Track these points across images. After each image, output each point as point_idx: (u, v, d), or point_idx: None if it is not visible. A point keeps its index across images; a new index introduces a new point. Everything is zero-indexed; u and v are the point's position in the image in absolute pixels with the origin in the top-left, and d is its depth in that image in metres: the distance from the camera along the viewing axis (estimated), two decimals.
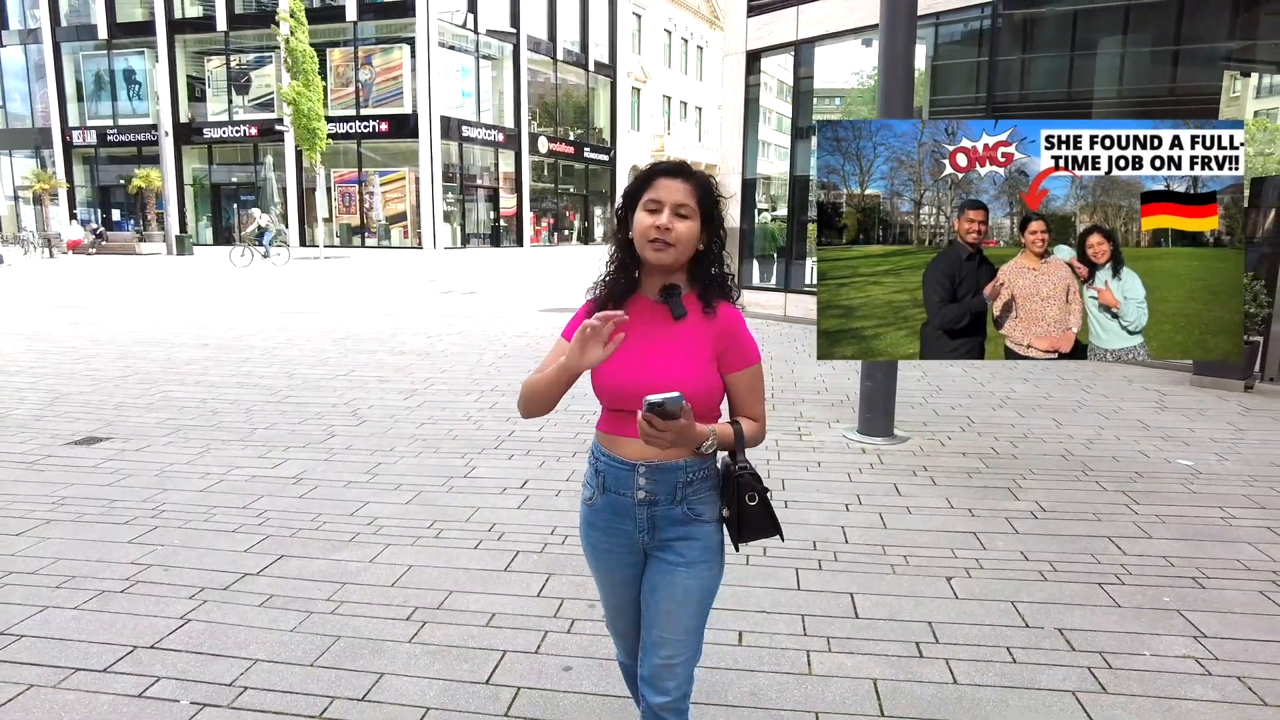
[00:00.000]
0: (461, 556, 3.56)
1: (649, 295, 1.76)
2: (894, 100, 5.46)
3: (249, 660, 2.73)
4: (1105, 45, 9.58)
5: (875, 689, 2.57)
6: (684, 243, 1.68)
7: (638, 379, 1.69)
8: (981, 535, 3.84)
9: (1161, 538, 3.83)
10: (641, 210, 1.70)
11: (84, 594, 3.20)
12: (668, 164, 1.73)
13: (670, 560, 1.76)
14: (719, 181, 1.78)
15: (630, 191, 1.74)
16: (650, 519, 1.75)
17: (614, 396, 1.73)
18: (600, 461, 1.79)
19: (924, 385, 7.18)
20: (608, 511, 1.79)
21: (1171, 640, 2.88)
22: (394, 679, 2.61)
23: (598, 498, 1.80)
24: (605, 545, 1.81)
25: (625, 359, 1.69)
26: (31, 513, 4.08)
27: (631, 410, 1.62)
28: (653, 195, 1.68)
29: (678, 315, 1.71)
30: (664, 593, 1.76)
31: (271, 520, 3.99)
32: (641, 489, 1.73)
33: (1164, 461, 5.04)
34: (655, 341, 1.72)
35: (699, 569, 1.76)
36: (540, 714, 2.43)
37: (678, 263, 1.71)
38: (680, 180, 1.69)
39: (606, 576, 1.86)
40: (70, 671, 2.65)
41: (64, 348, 8.98)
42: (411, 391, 6.87)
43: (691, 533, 1.75)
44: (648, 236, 1.67)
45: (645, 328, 1.73)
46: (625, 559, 1.81)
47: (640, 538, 1.77)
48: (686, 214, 1.68)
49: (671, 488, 1.73)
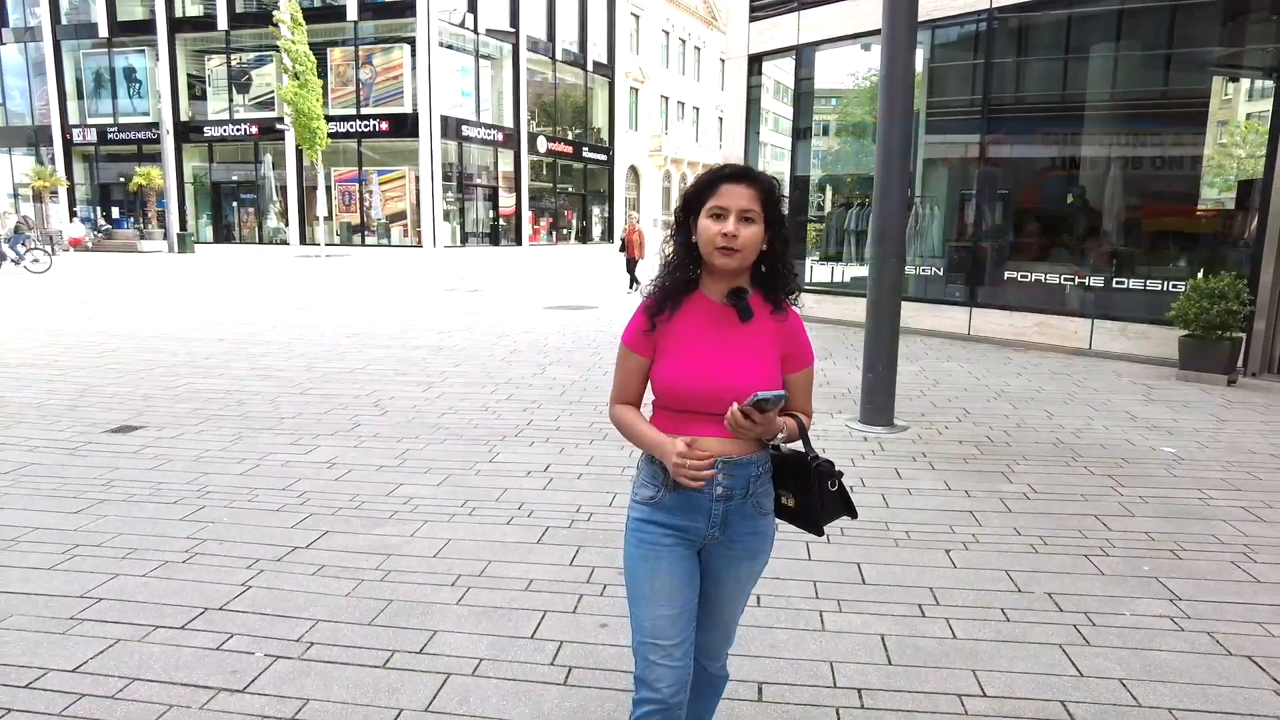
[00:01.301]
0: (496, 531, 3.83)
1: (712, 296, 1.78)
2: (894, 105, 5.74)
3: (311, 620, 3.00)
4: (1098, 50, 9.88)
5: (883, 642, 2.85)
6: (750, 248, 1.71)
7: (713, 382, 1.72)
8: (977, 513, 4.12)
9: (1143, 516, 4.12)
10: (706, 216, 1.71)
11: (149, 564, 3.46)
12: (732, 169, 1.75)
13: (738, 554, 1.82)
14: (778, 181, 1.81)
15: (692, 196, 1.75)
16: (725, 514, 1.77)
17: (687, 399, 1.74)
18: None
19: (922, 379, 7.47)
20: (677, 509, 1.78)
21: (1149, 602, 3.17)
22: (446, 635, 2.88)
23: (664, 495, 1.78)
24: (670, 539, 1.79)
25: (696, 362, 1.74)
26: (84, 493, 4.34)
27: (703, 411, 1.70)
28: (717, 201, 1.70)
29: (746, 318, 1.74)
30: (730, 584, 1.84)
31: (312, 500, 4.26)
32: (720, 484, 1.75)
33: (1149, 449, 5.34)
34: (724, 344, 1.75)
35: (761, 559, 1.87)
36: (583, 663, 2.70)
37: (743, 267, 1.74)
38: (745, 185, 1.71)
39: (668, 574, 1.78)
40: (151, 629, 2.91)
41: (84, 342, 9.21)
42: (429, 384, 7.13)
43: (759, 526, 1.83)
44: (715, 244, 1.69)
45: (712, 329, 1.76)
46: (687, 551, 1.80)
47: (711, 533, 1.79)
48: (752, 218, 1.70)
49: (745, 482, 1.77)
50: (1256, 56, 9.17)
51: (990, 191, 10.30)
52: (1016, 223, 10.57)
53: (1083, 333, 9.01)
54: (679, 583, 1.77)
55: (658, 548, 1.78)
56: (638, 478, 1.86)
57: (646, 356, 1.81)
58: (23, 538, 3.72)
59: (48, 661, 2.69)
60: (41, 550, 3.58)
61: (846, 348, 8.90)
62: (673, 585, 1.77)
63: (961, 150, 10.78)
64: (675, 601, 1.76)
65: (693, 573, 1.80)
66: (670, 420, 1.77)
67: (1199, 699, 2.53)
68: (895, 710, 2.47)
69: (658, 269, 1.83)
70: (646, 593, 1.78)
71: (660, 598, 1.76)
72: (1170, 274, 8.76)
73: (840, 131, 13.79)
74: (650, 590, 1.77)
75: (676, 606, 1.76)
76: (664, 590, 1.76)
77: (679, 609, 1.77)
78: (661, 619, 1.75)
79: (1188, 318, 7.43)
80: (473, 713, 2.44)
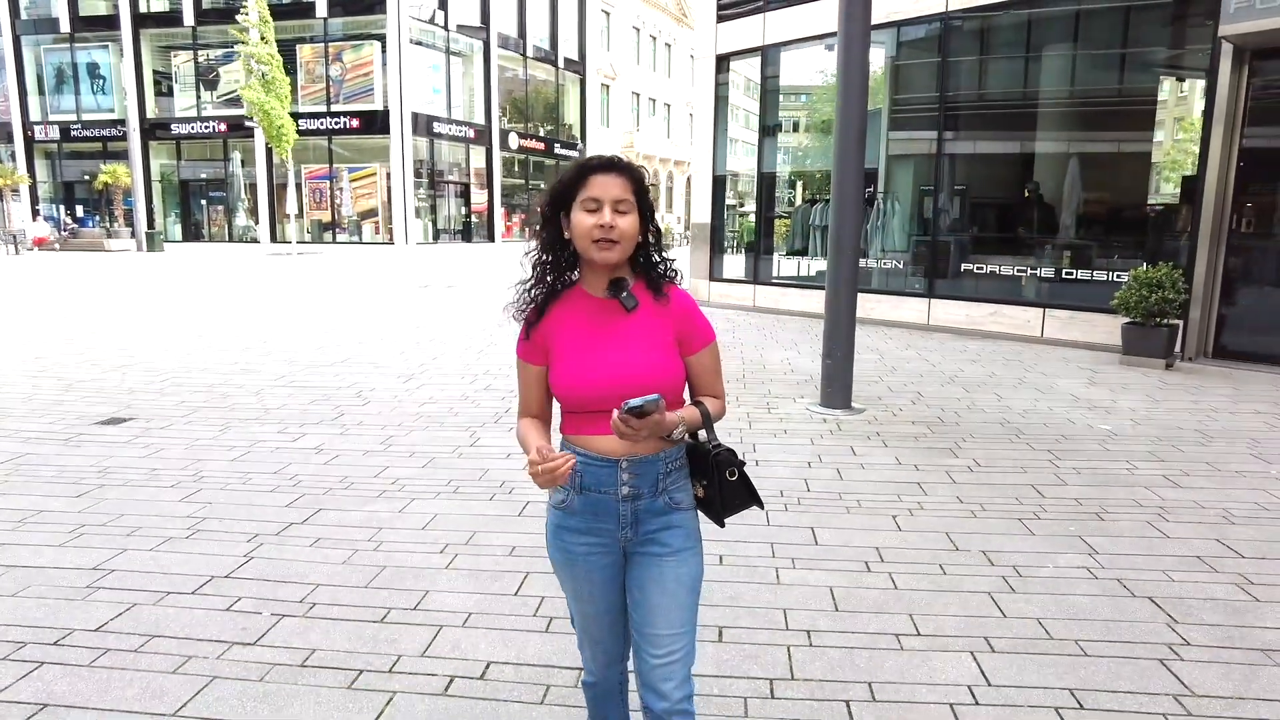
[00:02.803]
0: (479, 506, 4.11)
1: (593, 292, 1.75)
2: (851, 104, 6.09)
3: (311, 584, 3.26)
4: (1051, 50, 10.33)
5: (831, 594, 3.18)
6: (629, 238, 1.67)
7: (608, 379, 1.68)
8: (924, 485, 4.48)
9: (1075, 485, 4.50)
10: (580, 210, 1.66)
11: (154, 540, 3.70)
12: (599, 160, 1.70)
13: (655, 552, 1.75)
14: (649, 172, 1.89)
15: (561, 191, 1.70)
16: (634, 513, 1.73)
17: (584, 400, 1.70)
18: (575, 462, 1.68)
19: (881, 366, 7.85)
20: (586, 513, 1.75)
21: (1070, 556, 3.54)
22: (438, 594, 3.17)
23: (573, 499, 1.75)
24: (583, 548, 1.77)
25: (587, 360, 1.70)
26: (83, 479, 4.54)
27: (604, 410, 1.63)
28: (590, 194, 1.65)
29: (630, 307, 1.70)
30: (654, 586, 1.75)
31: (304, 482, 4.50)
32: (625, 484, 1.71)
33: (1087, 426, 5.75)
34: (613, 337, 1.71)
35: (685, 556, 1.77)
36: (561, 614, 2.99)
37: (623, 259, 1.70)
38: (615, 175, 1.67)
39: (585, 581, 1.80)
40: (164, 594, 3.16)
41: (63, 339, 9.30)
42: (409, 376, 7.36)
43: (673, 521, 1.76)
44: (591, 237, 1.65)
45: (597, 325, 1.72)
46: (604, 560, 1.78)
47: (623, 534, 1.75)
48: (626, 209, 1.66)
49: (654, 479, 1.73)
50: (1195, 58, 9.68)
51: (949, 187, 10.73)
52: (974, 217, 11.02)
53: (1035, 322, 9.47)
54: (597, 589, 1.80)
55: (572, 555, 1.79)
56: None
57: (540, 364, 1.77)
58: (29, 520, 3.93)
59: (70, 623, 2.93)
60: (49, 530, 3.80)
61: (811, 338, 9.27)
62: (591, 589, 1.80)
63: (922, 146, 11.20)
64: (597, 602, 1.82)
65: (614, 578, 1.81)
66: (577, 422, 1.74)
67: (1103, 632, 2.90)
68: (839, 647, 2.80)
69: (528, 272, 1.78)
70: (570, 593, 1.85)
71: (583, 599, 1.83)
72: (1117, 266, 9.23)
73: (806, 128, 14.18)
74: (574, 593, 1.84)
75: (599, 606, 1.82)
76: (585, 593, 1.82)
77: (602, 609, 1.83)
78: (588, 617, 1.85)
79: (1129, 306, 7.89)
80: (464, 656, 2.73)
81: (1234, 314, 8.26)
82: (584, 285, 1.76)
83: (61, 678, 2.59)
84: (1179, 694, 2.52)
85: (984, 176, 11.17)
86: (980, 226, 10.97)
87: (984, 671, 2.65)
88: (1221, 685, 2.57)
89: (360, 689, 2.54)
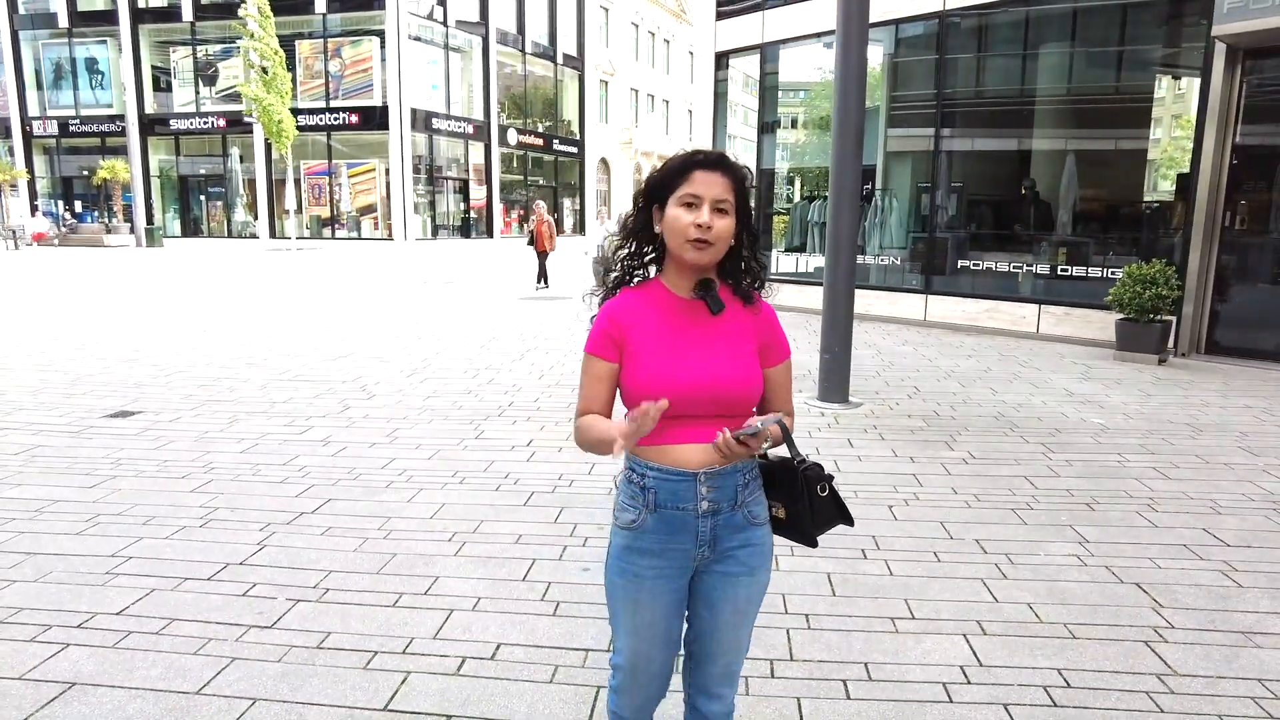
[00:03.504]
0: (485, 496, 4.21)
1: (678, 292, 1.66)
2: (849, 102, 6.18)
3: (324, 571, 3.36)
4: (1049, 48, 10.43)
5: (829, 580, 3.28)
6: (723, 241, 1.59)
7: (693, 385, 1.58)
8: (920, 476, 4.58)
9: (1067, 476, 4.61)
10: (677, 205, 1.58)
11: (169, 529, 3.79)
12: (706, 155, 1.62)
13: (733, 571, 1.67)
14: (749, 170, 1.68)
15: (659, 183, 1.62)
16: (713, 530, 1.64)
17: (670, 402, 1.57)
18: (648, 477, 1.63)
19: (878, 361, 7.96)
20: (660, 531, 1.63)
21: (1061, 545, 3.65)
22: (447, 580, 3.27)
23: (645, 518, 1.64)
24: (654, 571, 1.65)
25: (670, 363, 1.60)
26: (95, 470, 4.63)
27: (683, 415, 1.56)
28: (690, 190, 1.57)
29: (716, 311, 1.62)
30: (727, 605, 1.68)
31: (312, 473, 4.59)
32: (705, 499, 1.61)
33: (1080, 420, 5.85)
34: (698, 340, 1.62)
35: (760, 574, 1.70)
36: (568, 598, 3.10)
37: (715, 262, 1.62)
38: (719, 173, 1.59)
39: (648, 608, 1.67)
40: (181, 579, 3.26)
41: (68, 334, 9.38)
42: (412, 370, 7.45)
43: (752, 538, 1.67)
44: (687, 235, 1.56)
45: (681, 325, 1.63)
46: (675, 582, 1.67)
47: (699, 552, 1.65)
48: (725, 209, 1.58)
49: (733, 492, 1.64)
50: (1190, 56, 9.77)
51: (946, 184, 10.83)
52: (970, 214, 11.12)
53: (1030, 318, 9.58)
54: (660, 617, 1.68)
55: (640, 580, 1.66)
56: (617, 499, 1.73)
57: (613, 361, 1.65)
58: (45, 509, 4.02)
59: (93, 607, 3.02)
60: (66, 519, 3.89)
61: (810, 334, 9.35)
62: (654, 620, 1.68)
63: (919, 144, 11.29)
64: (657, 636, 1.69)
65: (679, 604, 1.70)
66: (654, 430, 1.60)
67: (1091, 616, 3.00)
68: (837, 630, 2.90)
69: (613, 263, 1.72)
70: (628, 624, 1.71)
71: (641, 632, 1.69)
72: (1111, 262, 9.34)
73: (804, 125, 14.27)
74: (632, 624, 1.70)
75: (658, 641, 1.70)
76: (645, 625, 1.68)
77: (661, 643, 1.71)
78: (640, 654, 1.71)
79: (1123, 302, 8.00)
80: (475, 639, 2.82)
81: (1226, 310, 8.37)
82: (665, 281, 1.68)
83: (88, 658, 2.68)
84: (1162, 674, 2.63)
85: (981, 174, 11.27)
86: (977, 223, 11.07)
87: (976, 653, 2.75)
88: (1203, 665, 2.68)
89: (375, 669, 2.64)
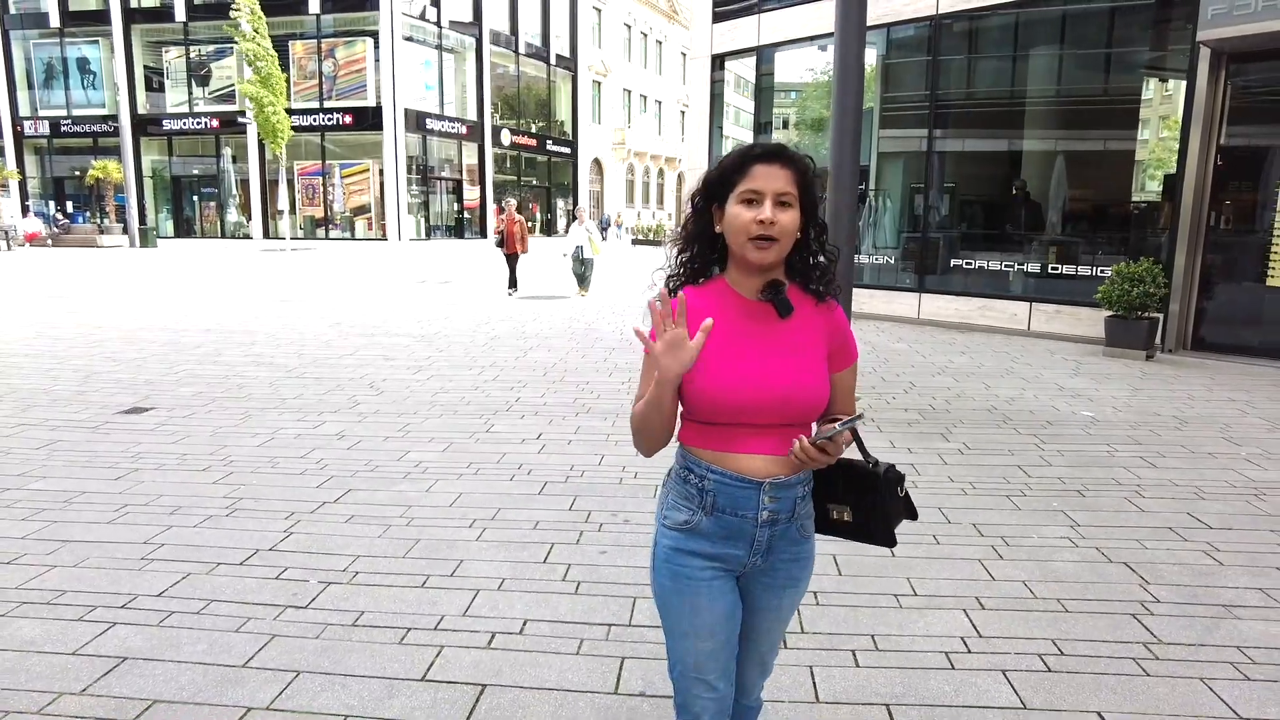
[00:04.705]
0: (500, 486, 4.36)
1: (743, 293, 1.59)
2: (846, 102, 6.34)
3: (352, 556, 3.50)
4: (1040, 51, 10.64)
5: (835, 560, 3.45)
6: (788, 236, 1.52)
7: (762, 391, 1.52)
8: (917, 465, 4.76)
9: (1059, 465, 4.80)
10: (736, 203, 1.51)
11: (196, 517, 3.92)
12: (764, 147, 1.54)
13: (780, 584, 1.66)
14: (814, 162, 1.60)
15: (717, 180, 1.57)
16: (769, 540, 1.60)
17: (731, 410, 1.54)
18: (709, 480, 1.58)
19: (874, 358, 8.14)
20: (715, 535, 1.59)
21: (1054, 529, 3.83)
22: (472, 563, 3.42)
23: (701, 520, 1.59)
24: (706, 573, 1.61)
25: (736, 367, 1.53)
26: (118, 464, 4.76)
27: (749, 423, 1.53)
28: (750, 185, 1.50)
29: (785, 313, 1.56)
30: (770, 615, 1.68)
31: (330, 466, 4.73)
32: (766, 508, 1.57)
33: (1070, 413, 6.05)
34: (767, 345, 1.56)
35: (802, 587, 1.70)
36: (588, 579, 3.26)
37: (779, 259, 1.55)
38: (780, 166, 1.51)
39: (706, 611, 1.62)
40: (214, 565, 3.40)
41: (73, 334, 9.47)
42: (418, 368, 7.59)
43: (802, 553, 1.66)
44: (749, 233, 1.50)
45: (748, 328, 1.56)
46: (727, 584, 1.63)
47: (751, 561, 1.62)
48: (788, 202, 1.51)
49: (792, 503, 1.60)
50: (1176, 59, 10.00)
51: (938, 184, 11.04)
52: (963, 214, 11.33)
53: (1022, 315, 9.79)
54: (720, 618, 1.63)
55: (695, 582, 1.61)
56: (666, 498, 1.67)
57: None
58: (74, 500, 4.15)
59: (133, 590, 3.16)
60: (95, 509, 4.02)
61: None
62: (714, 621, 1.62)
63: (912, 145, 11.50)
64: (717, 636, 1.64)
65: (735, 605, 1.65)
66: (703, 435, 1.59)
67: (1082, 591, 3.18)
68: (844, 606, 3.07)
69: (673, 264, 1.66)
70: (686, 628, 1.64)
71: (702, 634, 1.63)
72: (1100, 261, 9.56)
73: (799, 126, 14.45)
74: (690, 627, 1.63)
75: (719, 640, 1.64)
76: (705, 627, 1.63)
77: (721, 642, 1.65)
78: (704, 654, 1.64)
79: (1112, 299, 8.21)
80: (503, 615, 2.98)
81: (1211, 308, 8.60)
82: (729, 281, 1.61)
83: (134, 635, 2.82)
84: (1148, 642, 2.81)
85: (973, 174, 11.48)
86: (969, 223, 11.29)
87: (975, 625, 2.93)
88: (1186, 635, 2.86)
89: (410, 644, 2.79)
